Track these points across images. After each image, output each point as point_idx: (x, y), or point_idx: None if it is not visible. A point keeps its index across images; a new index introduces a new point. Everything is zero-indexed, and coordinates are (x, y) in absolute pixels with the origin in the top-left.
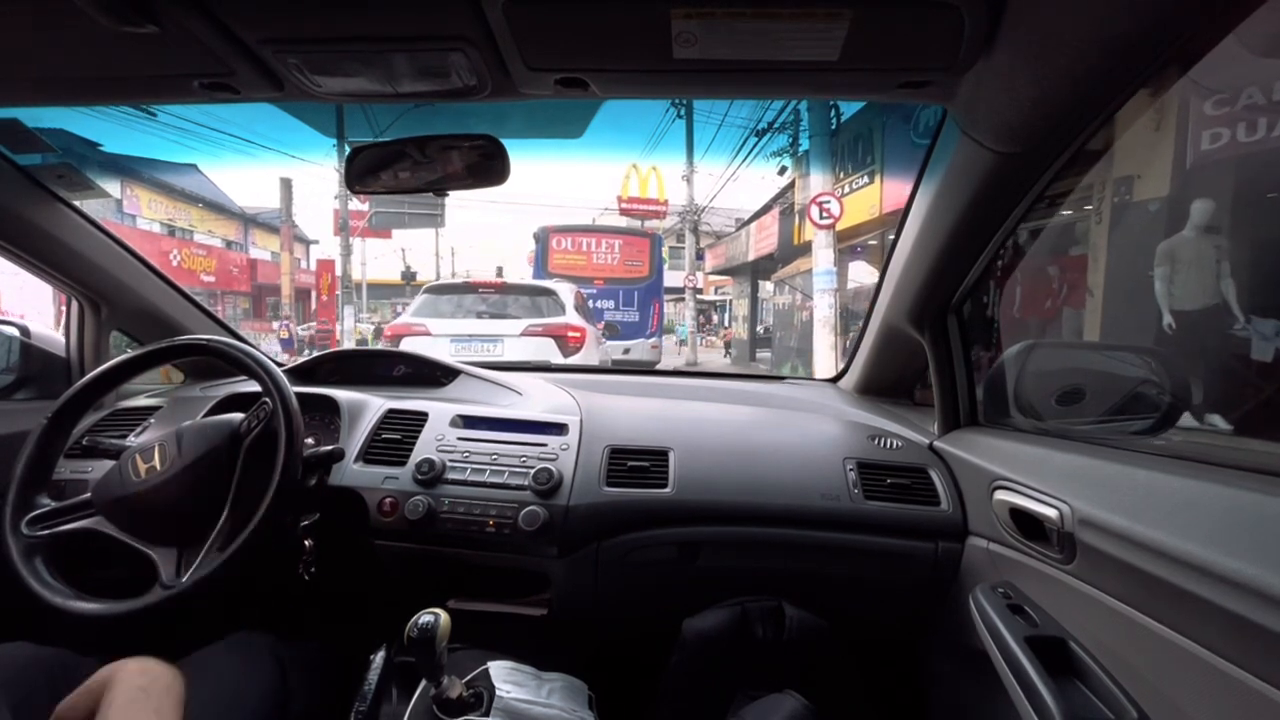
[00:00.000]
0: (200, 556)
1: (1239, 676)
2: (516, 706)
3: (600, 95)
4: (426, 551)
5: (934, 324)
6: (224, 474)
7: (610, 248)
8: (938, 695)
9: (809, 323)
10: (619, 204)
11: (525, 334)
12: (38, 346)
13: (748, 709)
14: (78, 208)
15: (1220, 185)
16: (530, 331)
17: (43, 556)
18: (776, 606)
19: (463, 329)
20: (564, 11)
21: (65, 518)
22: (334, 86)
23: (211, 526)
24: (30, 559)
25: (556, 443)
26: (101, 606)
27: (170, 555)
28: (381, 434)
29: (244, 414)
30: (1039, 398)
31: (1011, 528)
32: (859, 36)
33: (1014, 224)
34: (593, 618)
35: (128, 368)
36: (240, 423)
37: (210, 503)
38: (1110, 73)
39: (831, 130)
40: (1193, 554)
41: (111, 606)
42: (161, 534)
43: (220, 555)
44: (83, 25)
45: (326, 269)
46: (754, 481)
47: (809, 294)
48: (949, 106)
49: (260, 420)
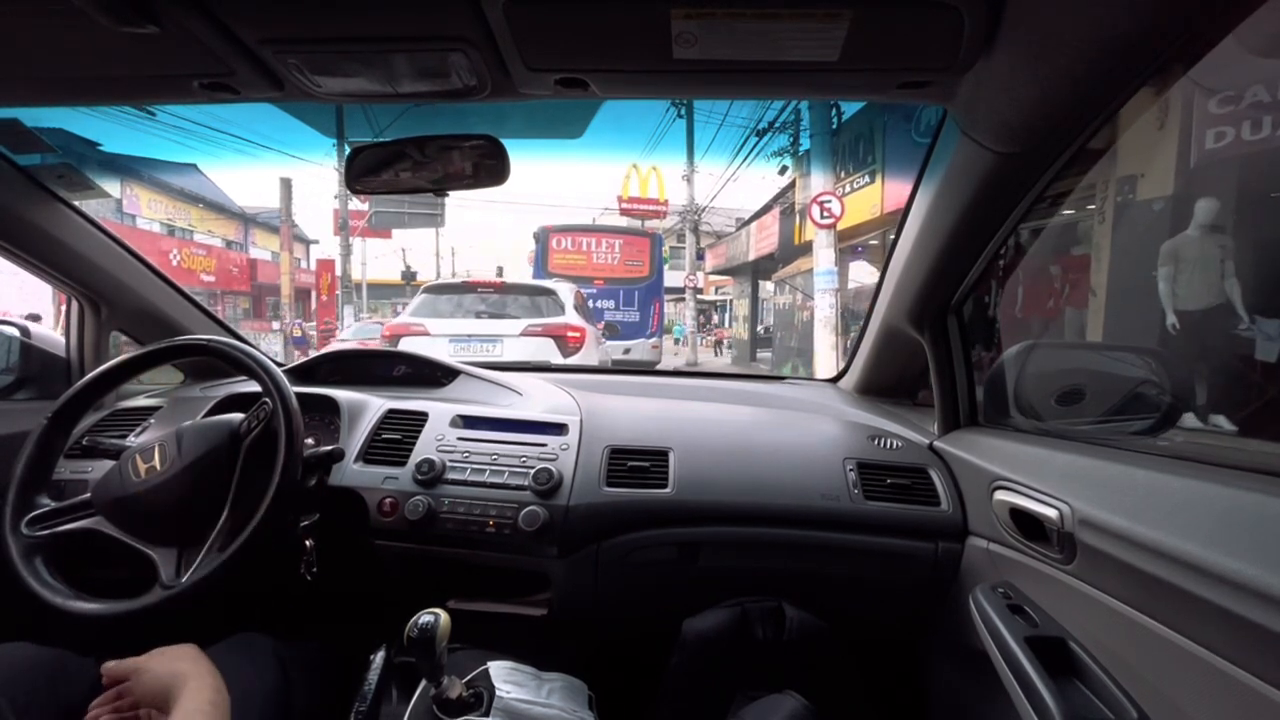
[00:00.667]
0: (200, 557)
1: (1239, 676)
2: (516, 706)
3: (600, 95)
4: (426, 551)
5: (934, 324)
6: (224, 474)
7: (610, 247)
8: (938, 695)
9: (809, 323)
10: (619, 204)
11: (525, 334)
12: (38, 347)
13: (748, 709)
14: (78, 208)
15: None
16: (530, 331)
17: (43, 556)
18: (776, 607)
19: (462, 329)
20: (564, 12)
21: (65, 518)
22: (334, 87)
23: (211, 527)
24: (30, 559)
25: (556, 443)
26: (101, 606)
27: (170, 555)
28: (381, 434)
29: (244, 414)
30: (1039, 398)
31: (1011, 528)
32: (859, 37)
33: (1014, 224)
34: (593, 618)
35: (128, 368)
36: (240, 423)
37: (210, 503)
38: (1110, 72)
39: (832, 130)
40: (1193, 554)
41: (111, 606)
42: (161, 534)
43: (220, 556)
44: (83, 25)
45: (326, 269)
46: (754, 482)
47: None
48: (949, 107)
49: (260, 420)
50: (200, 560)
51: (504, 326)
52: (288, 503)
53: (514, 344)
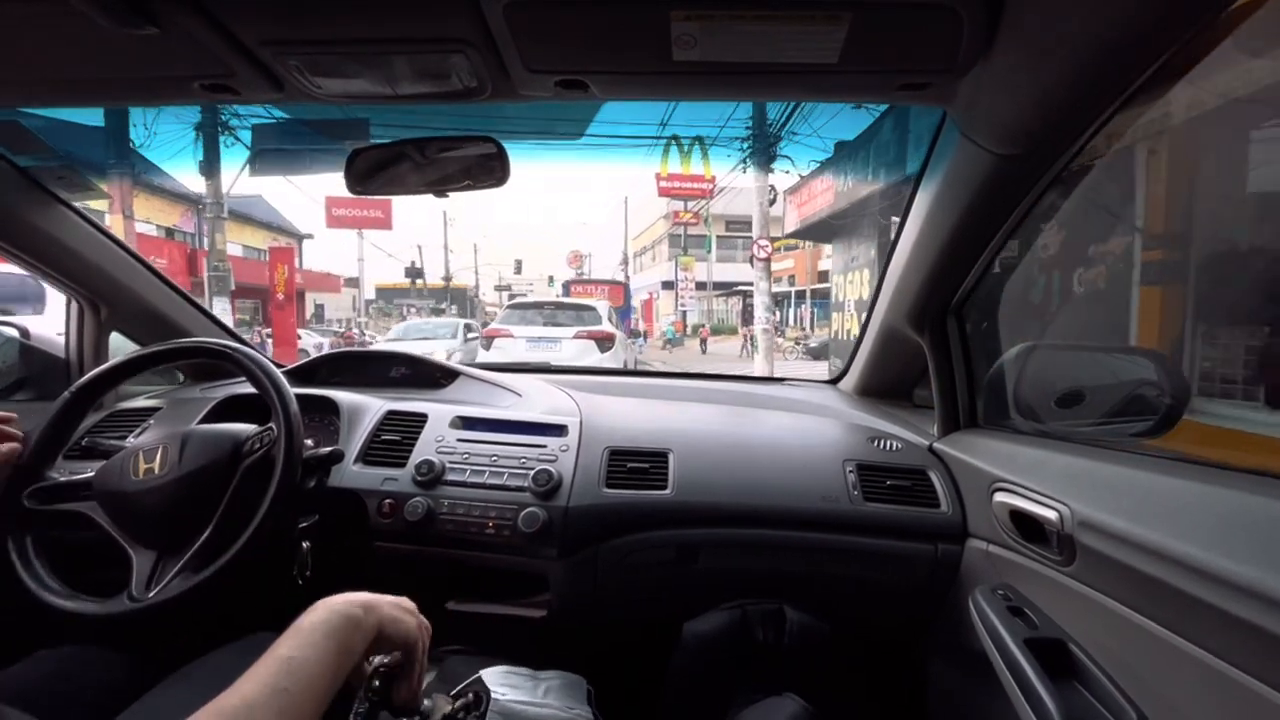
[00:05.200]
0: (174, 571)
1: (1239, 679)
2: (512, 708)
3: (600, 97)
4: (426, 553)
5: (934, 325)
6: (217, 490)
7: (602, 290)
8: (937, 698)
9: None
10: (657, 183)
11: (576, 337)
12: (37, 347)
13: (748, 712)
14: (77, 208)
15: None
16: (580, 335)
17: (33, 535)
18: (777, 609)
19: (534, 333)
20: (564, 14)
21: (65, 497)
22: (334, 88)
23: (195, 539)
24: (22, 534)
25: (556, 444)
26: (69, 603)
27: (148, 560)
28: (381, 435)
29: (251, 427)
30: (1039, 400)
31: (1011, 530)
32: (858, 39)
33: (1013, 226)
34: (592, 620)
35: (151, 359)
36: (245, 440)
37: (195, 518)
38: (1110, 74)
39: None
40: (1193, 556)
41: (79, 605)
42: (145, 536)
43: (193, 577)
44: (82, 27)
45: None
46: (753, 483)
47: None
48: (948, 108)
49: (264, 445)
50: (172, 576)
51: (562, 332)
52: (283, 514)
53: (569, 344)
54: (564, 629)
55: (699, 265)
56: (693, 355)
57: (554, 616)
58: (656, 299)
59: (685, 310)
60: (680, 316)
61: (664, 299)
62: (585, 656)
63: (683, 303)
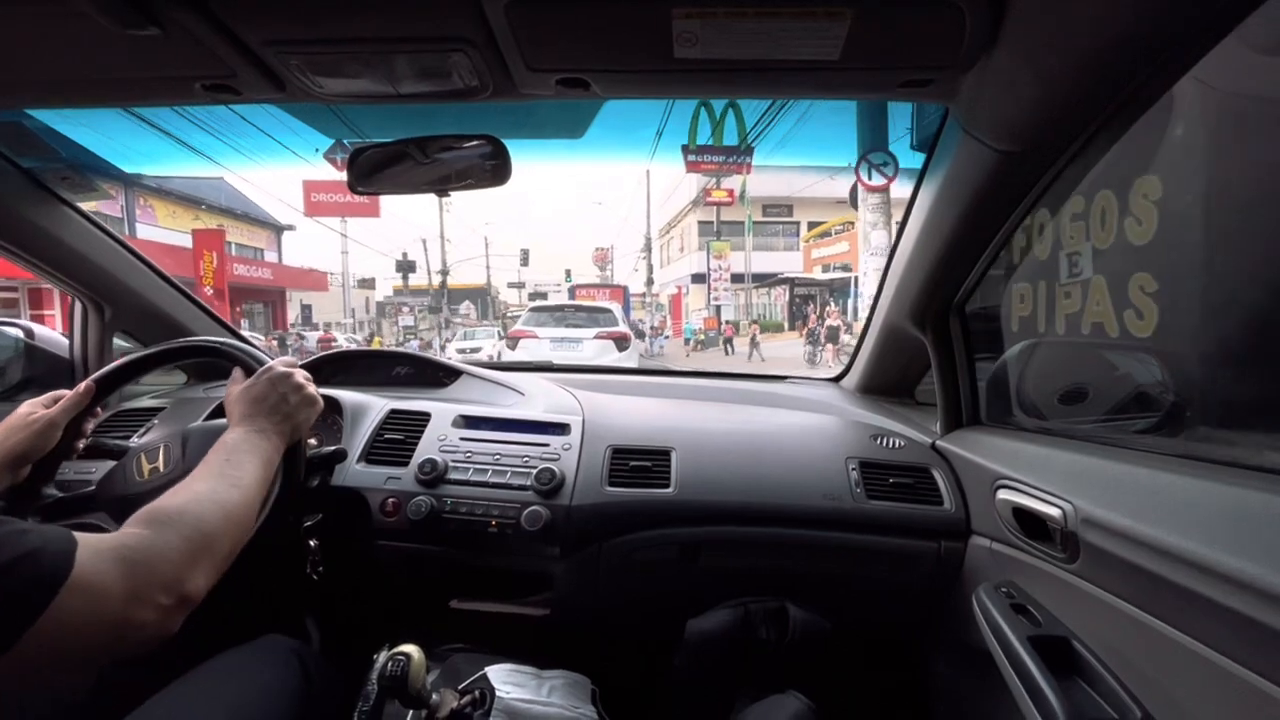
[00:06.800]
0: None
1: (1243, 675)
2: (516, 706)
3: (601, 95)
4: (429, 552)
5: (936, 323)
6: None
7: (604, 293)
8: (940, 695)
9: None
10: (684, 156)
11: (595, 338)
12: (41, 348)
13: (751, 709)
14: (81, 209)
15: None
16: (599, 336)
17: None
18: (780, 607)
19: (556, 334)
20: (565, 12)
21: (70, 512)
22: (336, 87)
23: None
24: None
25: (559, 443)
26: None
27: None
28: (384, 434)
29: None
30: (1042, 396)
31: (1014, 527)
32: (860, 35)
33: (1016, 223)
34: (595, 618)
35: (159, 358)
36: None
37: None
38: (1113, 70)
39: None
40: (1196, 553)
41: None
42: None
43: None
44: (84, 27)
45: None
46: (756, 481)
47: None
48: (951, 105)
49: None
50: None
51: (581, 333)
52: (287, 512)
53: (589, 344)
54: (566, 627)
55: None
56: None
57: (557, 615)
58: (686, 294)
59: (720, 304)
60: (714, 312)
61: (694, 294)
62: (588, 654)
63: (716, 295)
